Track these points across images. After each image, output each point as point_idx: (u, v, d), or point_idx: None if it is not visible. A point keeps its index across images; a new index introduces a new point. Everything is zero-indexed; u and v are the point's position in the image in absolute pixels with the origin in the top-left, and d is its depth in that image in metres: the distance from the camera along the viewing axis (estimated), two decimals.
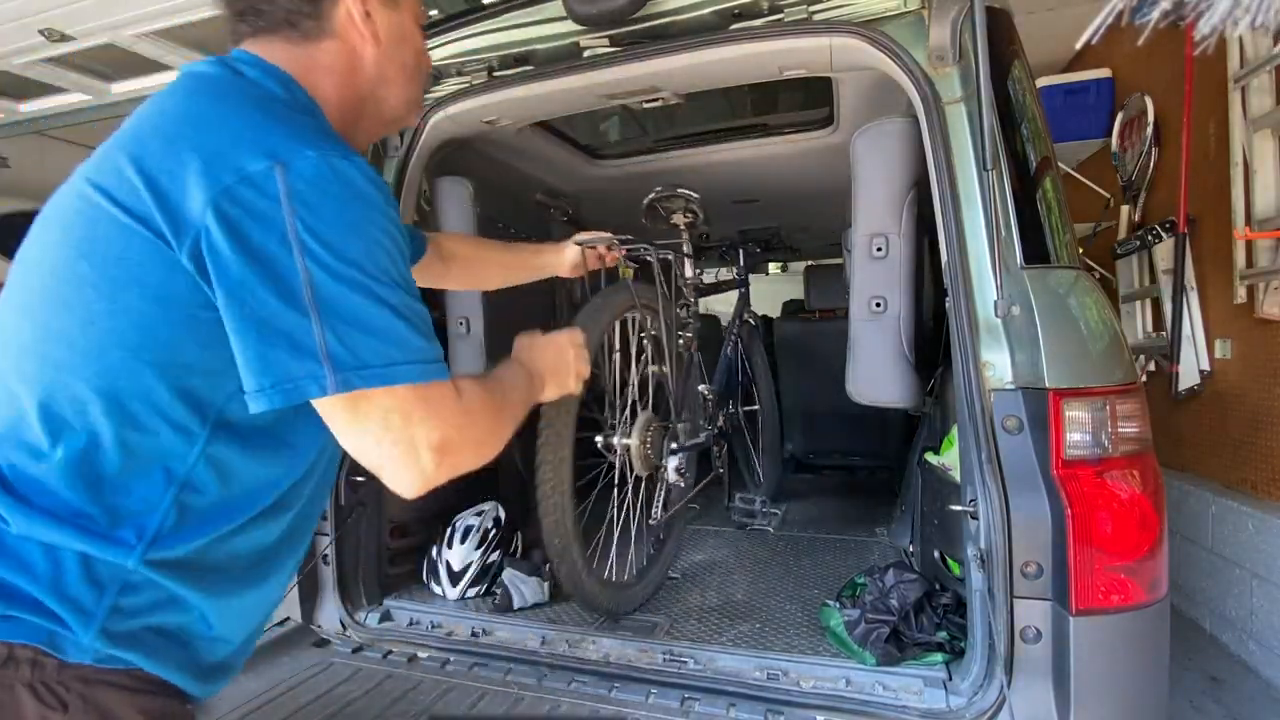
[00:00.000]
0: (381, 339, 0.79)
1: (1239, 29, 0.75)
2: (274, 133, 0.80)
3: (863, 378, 1.96)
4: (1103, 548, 1.28)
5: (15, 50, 2.56)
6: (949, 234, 1.49)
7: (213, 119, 0.82)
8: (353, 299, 0.78)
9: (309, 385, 0.76)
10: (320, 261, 0.76)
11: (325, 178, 0.78)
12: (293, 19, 0.93)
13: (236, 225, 0.75)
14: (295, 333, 0.76)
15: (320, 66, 0.95)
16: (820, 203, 3.24)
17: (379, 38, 0.97)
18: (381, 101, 1.02)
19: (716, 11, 1.70)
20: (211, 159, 0.77)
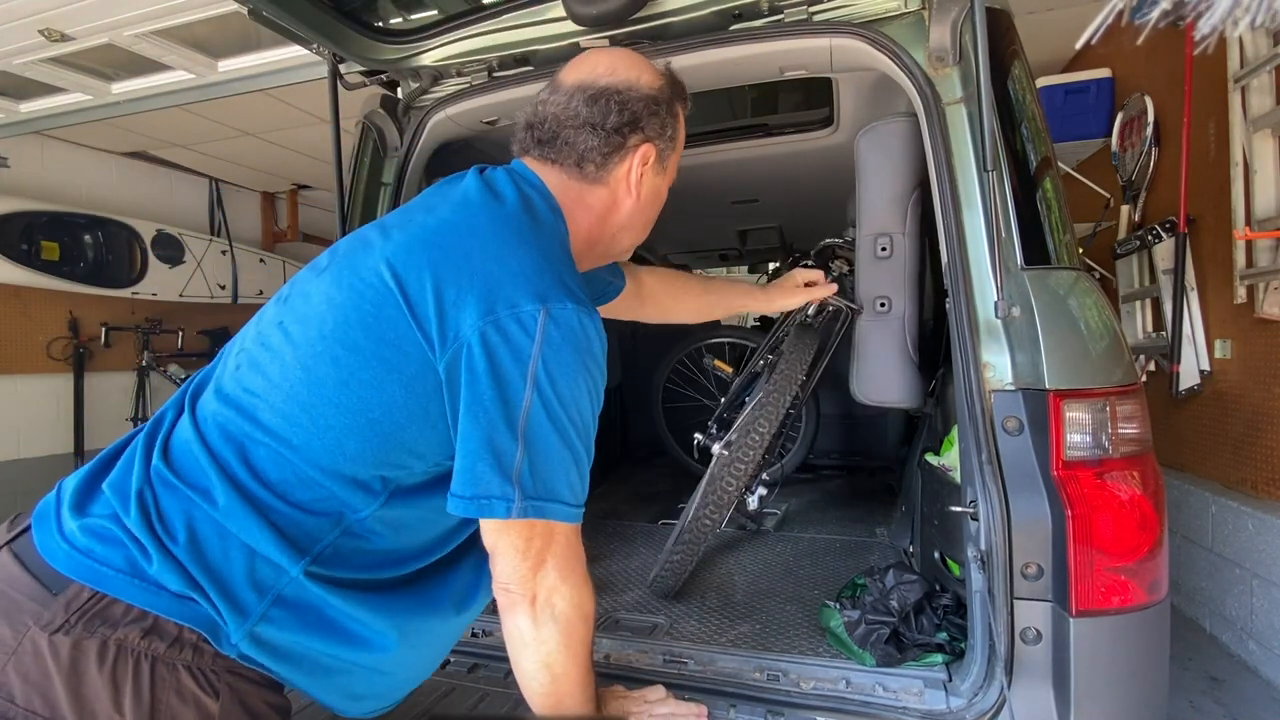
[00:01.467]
0: (561, 480, 0.92)
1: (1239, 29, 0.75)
2: (547, 278, 0.93)
3: (867, 378, 1.96)
4: (1103, 549, 1.28)
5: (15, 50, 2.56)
6: (949, 235, 1.49)
7: (502, 252, 0.94)
8: (552, 438, 0.90)
9: (498, 506, 0.89)
10: (543, 398, 0.89)
11: (574, 330, 0.91)
12: (583, 163, 1.08)
13: (495, 351, 0.88)
14: (504, 454, 0.89)
15: (584, 205, 1.09)
16: (820, 203, 3.24)
17: (640, 196, 1.13)
18: (616, 242, 1.17)
19: (716, 12, 1.70)
20: (494, 290, 0.90)
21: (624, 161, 1.09)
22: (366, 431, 0.90)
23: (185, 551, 0.85)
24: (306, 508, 0.91)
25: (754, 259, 4.64)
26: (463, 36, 1.91)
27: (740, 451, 1.95)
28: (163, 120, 4.63)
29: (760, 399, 2.04)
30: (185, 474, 0.89)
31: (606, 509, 3.26)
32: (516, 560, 0.93)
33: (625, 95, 1.07)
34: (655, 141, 1.11)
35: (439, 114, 2.02)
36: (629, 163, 1.09)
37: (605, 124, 1.06)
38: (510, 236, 0.97)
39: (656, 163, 1.12)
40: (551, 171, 1.08)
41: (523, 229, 0.98)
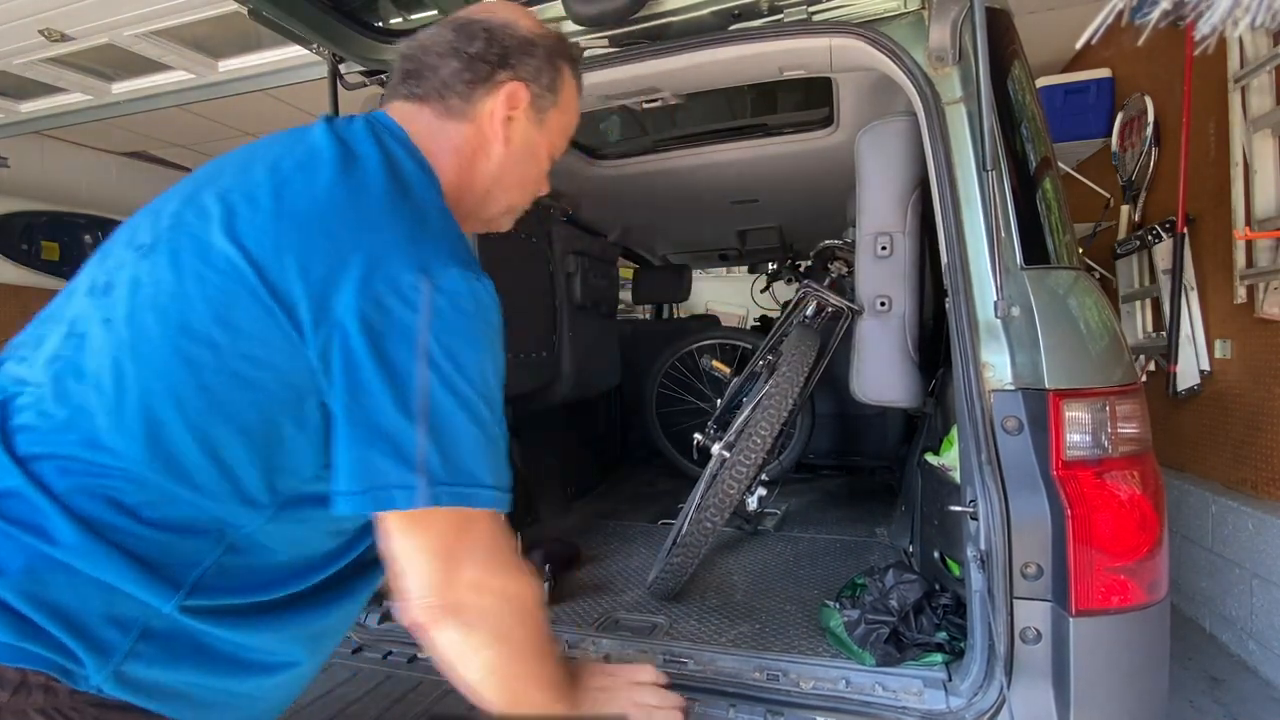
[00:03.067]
0: (475, 461, 0.82)
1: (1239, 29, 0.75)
2: (425, 245, 0.84)
3: (868, 377, 1.96)
4: (1103, 548, 1.28)
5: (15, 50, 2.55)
6: (949, 234, 1.49)
7: (372, 222, 0.85)
8: (459, 416, 0.81)
9: (397, 496, 0.79)
10: (442, 374, 0.80)
11: (463, 297, 0.83)
12: (445, 93, 0.98)
13: (375, 331, 0.79)
14: (400, 440, 0.79)
15: (450, 146, 0.99)
16: (820, 203, 3.24)
17: (510, 143, 1.02)
18: (490, 200, 1.06)
19: (716, 12, 1.70)
20: (372, 266, 0.80)
21: (490, 96, 0.99)
22: (234, 440, 0.80)
23: (16, 593, 0.74)
24: (177, 528, 0.79)
25: (754, 259, 4.65)
26: None
27: (742, 454, 1.95)
28: (163, 120, 4.62)
29: (761, 400, 2.04)
30: (9, 513, 0.76)
31: (606, 509, 3.26)
32: (428, 565, 0.82)
33: (496, 30, 1.00)
34: (528, 84, 1.01)
35: None
36: (496, 99, 0.99)
37: (469, 49, 0.98)
38: (376, 202, 0.87)
39: (530, 110, 1.02)
40: (416, 113, 0.99)
41: (390, 192, 0.88)
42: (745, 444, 1.96)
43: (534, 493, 2.97)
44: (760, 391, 2.17)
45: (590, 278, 3.18)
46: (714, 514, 1.95)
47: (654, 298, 4.86)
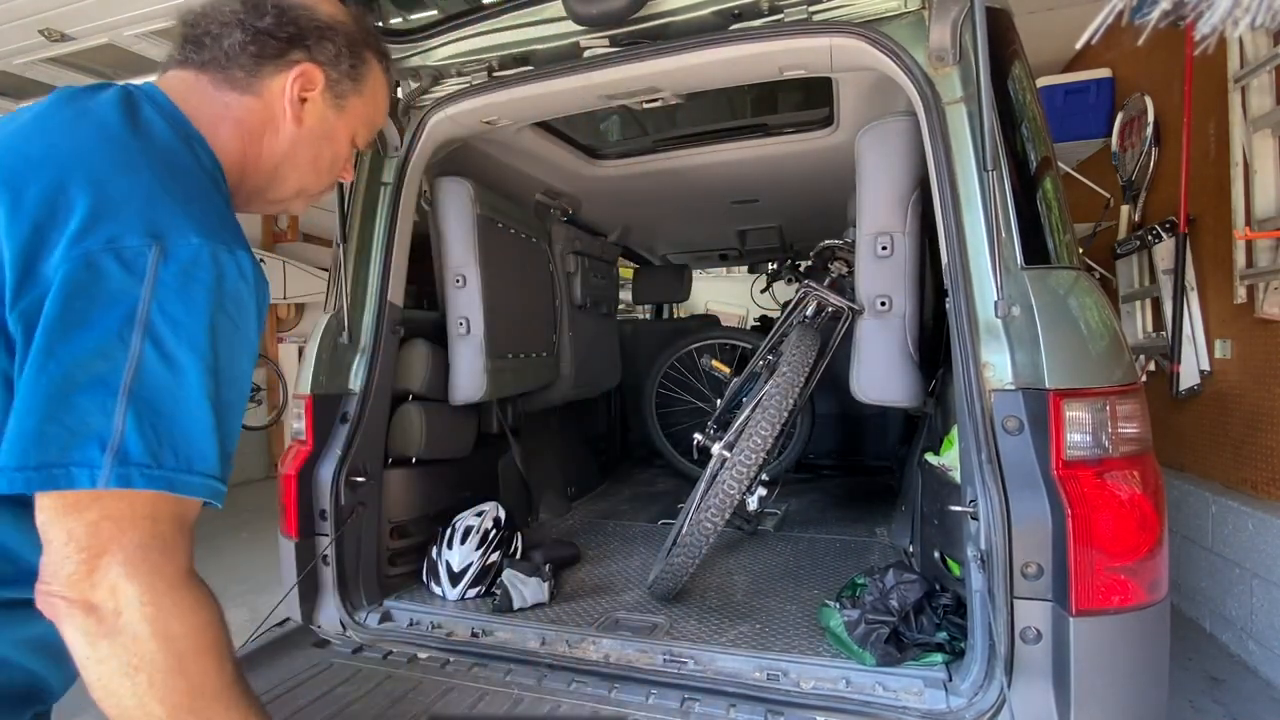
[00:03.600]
0: (181, 444, 0.73)
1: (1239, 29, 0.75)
2: (163, 208, 0.75)
3: (868, 377, 1.96)
4: (1103, 548, 1.28)
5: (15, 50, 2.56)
6: (949, 234, 1.49)
7: (103, 174, 0.75)
8: (177, 394, 0.72)
9: (78, 474, 0.68)
10: (158, 343, 0.71)
11: (203, 267, 0.75)
12: (228, 64, 0.93)
13: (83, 289, 0.70)
14: (89, 414, 0.69)
15: (230, 117, 0.94)
16: (820, 203, 3.24)
17: (303, 123, 0.98)
18: (279, 180, 1.01)
19: (716, 12, 1.70)
20: (86, 223, 0.71)
21: (280, 74, 0.95)
22: None
23: None
24: None
25: (754, 259, 4.65)
26: (462, 36, 1.91)
27: (742, 454, 1.95)
28: None
29: (762, 400, 2.04)
30: None
31: (606, 509, 3.26)
32: (68, 549, 0.69)
33: (289, 9, 0.96)
34: (324, 67, 0.98)
35: (439, 114, 2.02)
36: (286, 77, 0.95)
37: (258, 24, 0.93)
38: (112, 158, 0.77)
39: (327, 92, 0.99)
40: (194, 81, 0.93)
41: (129, 149, 0.79)
42: (745, 444, 1.97)
43: (534, 493, 2.97)
44: (760, 391, 2.17)
45: (590, 277, 3.18)
46: (714, 514, 1.95)
47: (654, 298, 4.86)
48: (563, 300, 3.03)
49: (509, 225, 2.62)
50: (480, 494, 2.50)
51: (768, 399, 2.00)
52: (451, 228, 2.34)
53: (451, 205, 2.34)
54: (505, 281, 2.53)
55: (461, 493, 2.44)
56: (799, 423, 3.38)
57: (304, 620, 1.96)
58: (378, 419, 2.08)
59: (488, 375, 2.38)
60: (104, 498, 0.69)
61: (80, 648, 0.70)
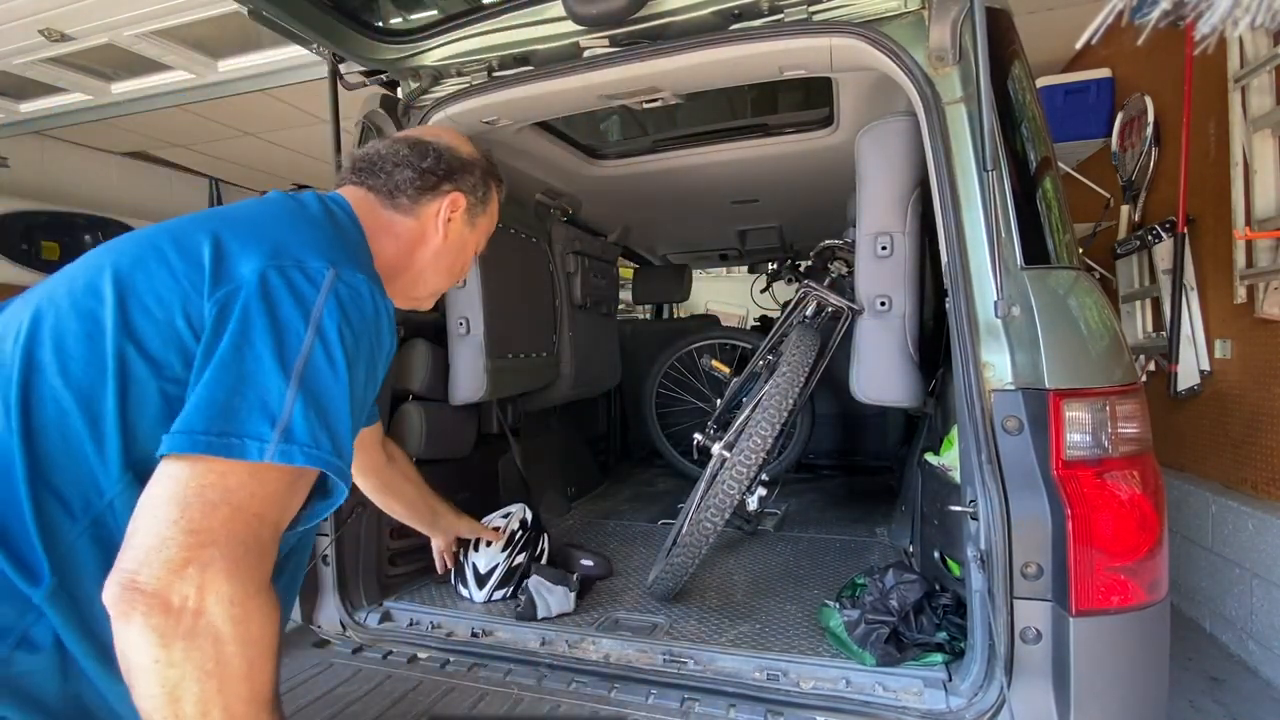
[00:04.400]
0: (340, 433, 0.83)
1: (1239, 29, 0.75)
2: (340, 255, 0.93)
3: (867, 377, 1.96)
4: (1103, 548, 1.28)
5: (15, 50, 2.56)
6: (949, 234, 1.49)
7: (298, 228, 0.94)
8: (334, 390, 0.83)
9: (250, 447, 0.75)
10: (326, 344, 0.83)
11: (365, 299, 0.90)
12: (395, 194, 1.15)
13: (274, 293, 0.82)
14: (269, 394, 0.78)
15: (391, 232, 1.14)
16: (820, 203, 3.24)
17: (447, 237, 1.20)
18: (420, 282, 1.22)
19: (716, 12, 1.70)
20: (280, 249, 0.87)
21: (435, 201, 1.18)
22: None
23: None
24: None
25: (754, 259, 4.65)
26: (463, 36, 1.91)
27: (742, 453, 1.95)
28: (163, 120, 4.62)
29: (762, 400, 2.04)
30: None
31: (607, 509, 3.26)
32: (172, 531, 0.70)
33: (444, 152, 1.20)
34: (467, 194, 1.22)
35: (439, 114, 2.02)
36: (440, 203, 1.18)
37: (422, 164, 1.17)
38: (305, 221, 0.98)
39: (466, 213, 1.22)
40: (365, 197, 1.15)
41: (320, 220, 1.01)
42: (745, 444, 1.97)
43: (534, 493, 2.97)
44: (760, 391, 2.17)
45: (590, 277, 3.18)
46: (714, 514, 1.95)
47: (654, 298, 4.86)
48: (563, 300, 3.03)
49: (509, 225, 2.62)
50: (480, 494, 2.50)
51: (767, 399, 2.00)
52: None
53: None
54: (505, 281, 2.53)
55: (461, 493, 2.44)
56: (799, 423, 3.38)
57: (304, 620, 1.97)
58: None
59: (487, 375, 2.38)
60: (239, 471, 0.75)
61: (148, 650, 0.69)
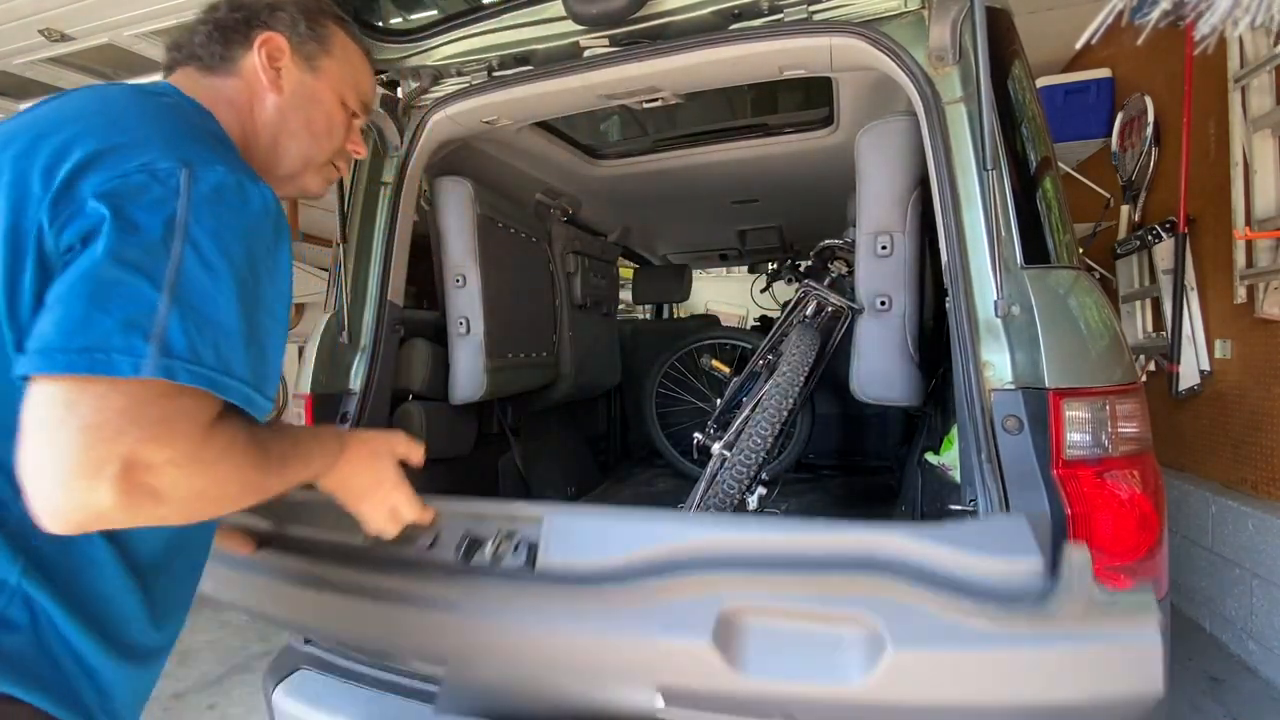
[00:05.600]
0: (230, 349, 0.75)
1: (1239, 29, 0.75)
2: (189, 145, 0.82)
3: (867, 376, 1.96)
4: (1102, 548, 1.28)
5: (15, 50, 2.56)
6: (949, 234, 1.49)
7: (131, 121, 0.83)
8: (218, 301, 0.74)
9: (121, 361, 0.67)
10: (198, 251, 0.74)
11: (230, 190, 0.79)
12: (203, 55, 1.04)
13: (121, 201, 0.73)
14: (136, 305, 0.69)
15: (223, 99, 1.02)
16: (820, 203, 3.24)
17: (282, 88, 1.06)
18: (281, 152, 1.08)
19: (716, 11, 1.70)
20: (120, 150, 0.77)
21: (248, 52, 1.05)
22: None
23: None
24: None
25: (754, 259, 4.65)
26: (462, 36, 1.91)
27: (742, 453, 1.95)
28: None
29: (762, 399, 2.04)
30: None
31: None
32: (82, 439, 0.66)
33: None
34: (285, 33, 1.07)
35: (439, 113, 2.02)
36: (253, 53, 1.04)
37: (215, 16, 1.06)
38: (140, 110, 0.86)
39: (296, 55, 1.07)
40: (185, 74, 1.05)
41: (158, 107, 0.89)
42: (745, 443, 1.96)
43: (534, 492, 2.97)
44: (760, 391, 2.17)
45: (590, 277, 3.18)
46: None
47: (654, 297, 4.86)
48: (563, 300, 3.03)
49: (509, 225, 2.62)
50: (480, 493, 2.49)
51: (767, 398, 2.00)
52: (451, 227, 2.34)
53: (451, 205, 2.34)
54: (505, 281, 2.53)
55: (461, 492, 2.44)
56: (799, 422, 3.38)
57: None
58: (377, 419, 2.08)
59: (487, 375, 2.38)
60: (132, 387, 0.68)
61: (124, 524, 0.71)
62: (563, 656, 1.07)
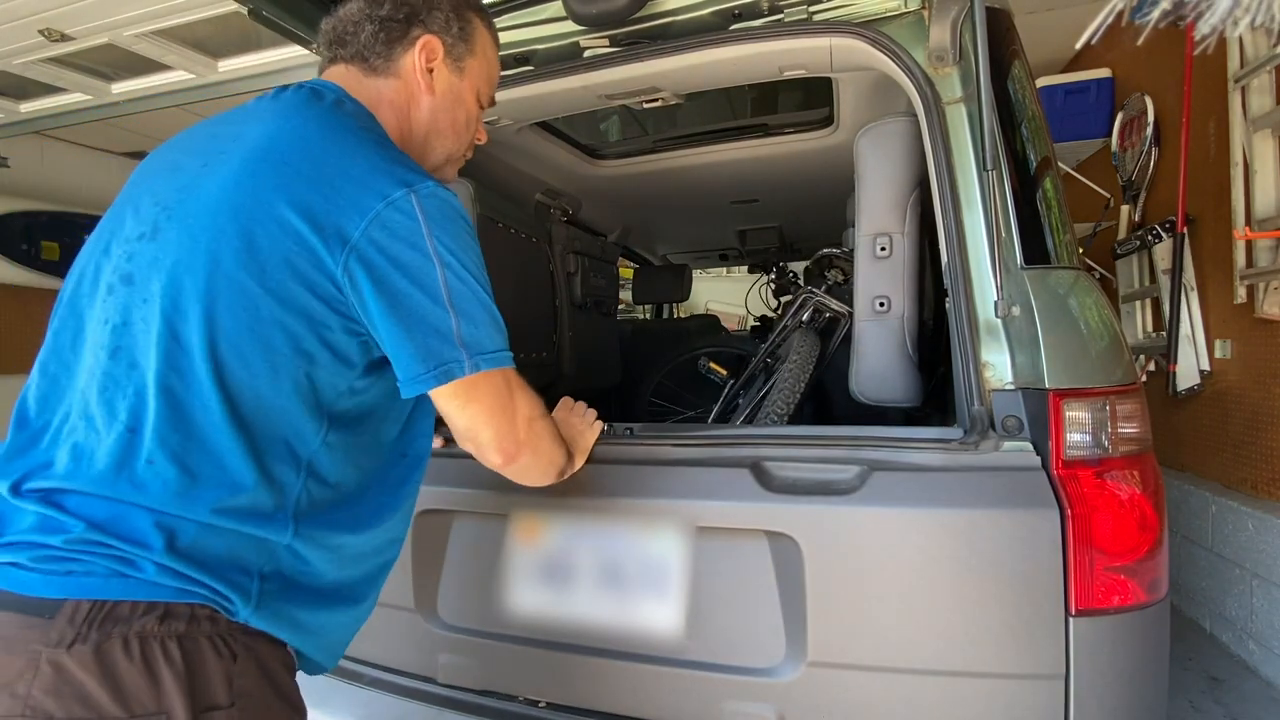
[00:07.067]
0: (490, 333, 1.00)
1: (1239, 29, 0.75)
2: (398, 165, 0.98)
3: (867, 377, 1.96)
4: (1102, 548, 1.28)
5: (15, 50, 2.55)
6: (949, 234, 1.49)
7: (348, 151, 0.97)
8: (473, 301, 0.97)
9: (456, 368, 0.95)
10: (452, 269, 0.95)
11: (444, 201, 0.97)
12: (366, 54, 1.11)
13: (387, 245, 0.92)
14: (442, 327, 0.95)
15: (384, 100, 1.11)
16: (820, 203, 3.24)
17: (434, 90, 1.14)
18: (431, 149, 1.18)
19: (716, 11, 1.70)
20: (360, 186, 0.93)
21: (408, 52, 1.11)
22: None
23: (166, 556, 0.87)
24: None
25: (754, 259, 4.65)
26: None
27: None
28: (163, 120, 4.61)
29: (761, 402, 2.04)
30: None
31: None
32: (497, 420, 1.03)
33: None
34: (440, 36, 1.13)
35: None
36: (413, 53, 1.11)
37: (380, 13, 1.10)
38: (347, 135, 1.00)
39: (448, 58, 1.14)
40: (346, 72, 1.11)
41: (352, 126, 1.02)
42: None
43: None
44: (759, 394, 2.17)
45: (590, 277, 3.18)
46: None
47: (654, 297, 4.86)
48: (563, 300, 3.03)
49: (509, 225, 2.62)
50: None
51: (768, 402, 2.01)
52: None
53: None
54: (505, 281, 2.52)
55: None
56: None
57: None
58: None
59: None
60: (481, 380, 0.99)
61: (528, 469, 1.14)
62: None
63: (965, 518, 1.31)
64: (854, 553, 1.36)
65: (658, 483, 1.51)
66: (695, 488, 1.47)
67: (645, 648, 1.50)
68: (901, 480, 1.35)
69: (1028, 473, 1.32)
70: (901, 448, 1.39)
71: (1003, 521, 1.30)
